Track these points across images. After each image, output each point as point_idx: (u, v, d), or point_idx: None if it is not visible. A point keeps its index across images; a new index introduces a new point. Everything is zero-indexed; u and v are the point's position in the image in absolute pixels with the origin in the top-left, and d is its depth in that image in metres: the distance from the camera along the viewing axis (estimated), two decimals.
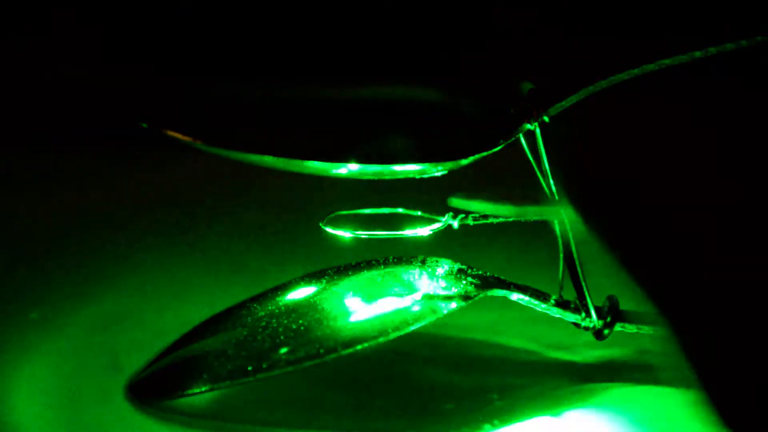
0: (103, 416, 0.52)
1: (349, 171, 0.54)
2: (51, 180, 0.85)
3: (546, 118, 0.55)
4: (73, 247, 0.73)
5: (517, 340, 0.60)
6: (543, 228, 0.57)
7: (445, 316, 0.53)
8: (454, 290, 0.54)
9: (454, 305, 0.53)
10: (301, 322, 0.52)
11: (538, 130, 0.56)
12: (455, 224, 0.57)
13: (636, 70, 0.53)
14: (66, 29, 0.90)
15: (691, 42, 0.52)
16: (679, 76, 0.52)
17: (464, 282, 0.54)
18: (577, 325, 0.56)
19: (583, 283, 0.56)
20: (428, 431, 0.51)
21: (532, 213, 0.57)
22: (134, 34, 0.89)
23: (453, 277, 0.55)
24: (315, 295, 0.54)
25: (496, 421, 0.52)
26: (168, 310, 0.64)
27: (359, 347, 0.51)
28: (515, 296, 0.55)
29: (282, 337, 0.52)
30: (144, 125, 0.53)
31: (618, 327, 0.56)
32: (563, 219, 0.56)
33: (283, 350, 0.51)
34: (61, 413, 0.52)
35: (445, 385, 0.56)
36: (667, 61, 0.52)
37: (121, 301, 0.65)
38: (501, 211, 0.56)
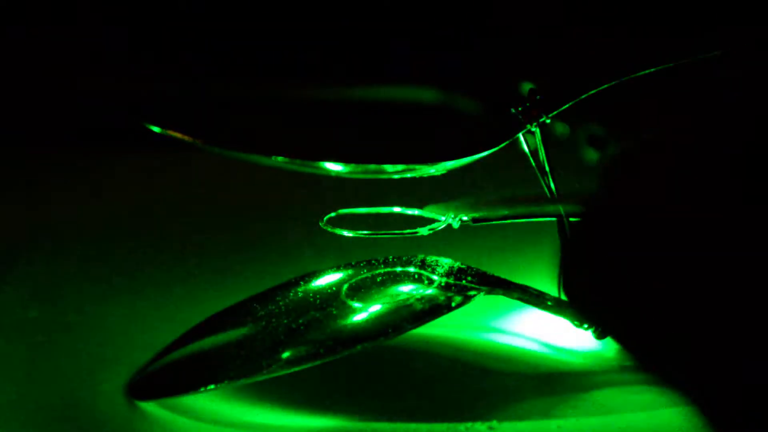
0: (103, 416, 0.52)
1: (349, 170, 0.54)
2: (51, 180, 0.85)
3: (546, 118, 0.55)
4: (73, 247, 0.73)
5: (516, 339, 0.60)
6: (543, 228, 0.57)
7: (445, 315, 0.53)
8: (454, 290, 0.54)
9: (453, 305, 0.53)
10: (301, 321, 0.52)
11: (538, 130, 0.56)
12: (455, 224, 0.57)
13: (637, 71, 0.53)
14: (66, 29, 0.90)
15: (692, 42, 0.52)
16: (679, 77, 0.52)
17: (464, 281, 0.54)
18: (576, 324, 0.56)
19: None
20: (427, 429, 0.51)
21: (532, 213, 0.57)
22: (135, 34, 0.89)
23: (453, 276, 0.55)
24: (315, 295, 0.54)
25: (495, 422, 0.52)
26: (167, 309, 0.64)
27: (359, 347, 0.51)
28: (515, 296, 0.55)
29: (282, 337, 0.52)
30: (145, 125, 0.53)
31: None
32: (563, 218, 0.56)
33: (283, 350, 0.51)
34: (61, 413, 0.52)
35: (445, 384, 0.56)
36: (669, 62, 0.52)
37: (120, 300, 0.65)
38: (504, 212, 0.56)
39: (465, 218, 0.57)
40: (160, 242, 0.74)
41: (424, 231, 0.56)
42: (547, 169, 0.56)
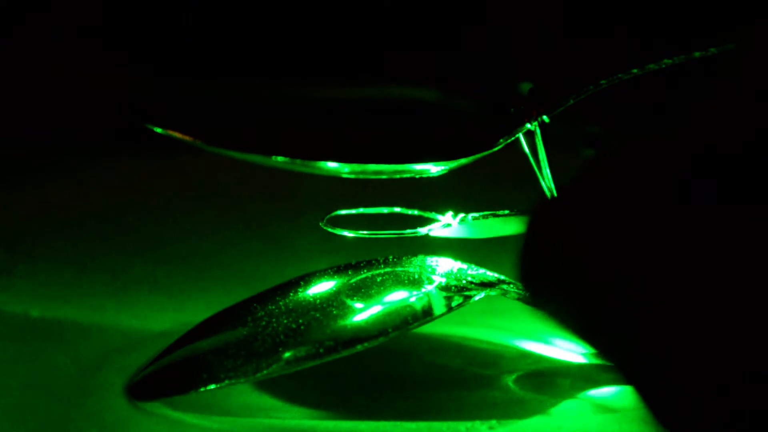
0: (103, 416, 0.52)
1: (349, 170, 0.54)
2: (52, 179, 0.85)
3: (546, 118, 0.55)
4: (75, 246, 0.73)
5: (516, 339, 0.60)
6: None
7: (446, 315, 0.53)
8: (454, 289, 0.54)
9: (454, 305, 0.53)
10: (301, 321, 0.52)
11: (538, 130, 0.56)
12: (454, 224, 0.57)
13: (636, 70, 0.53)
14: (66, 28, 0.90)
15: (691, 42, 0.52)
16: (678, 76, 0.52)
17: (465, 281, 0.54)
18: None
19: None
20: (427, 429, 0.51)
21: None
22: (134, 34, 0.89)
23: (453, 276, 0.55)
24: (315, 294, 0.54)
25: (495, 422, 0.52)
26: (167, 311, 0.64)
27: (359, 347, 0.51)
28: (515, 295, 0.55)
29: (282, 337, 0.52)
30: (147, 125, 0.53)
31: None
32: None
33: (283, 350, 0.51)
34: (61, 413, 0.52)
35: (445, 384, 0.56)
36: (667, 61, 0.52)
37: (120, 300, 0.65)
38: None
39: (465, 218, 0.57)
40: (161, 242, 0.74)
41: (423, 231, 0.56)
42: (547, 168, 0.56)
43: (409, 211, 0.57)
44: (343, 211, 0.57)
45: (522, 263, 0.43)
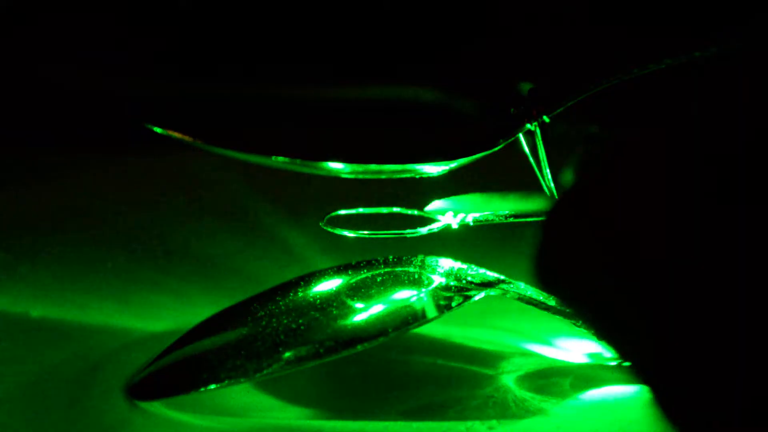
0: (103, 416, 0.52)
1: (349, 170, 0.54)
2: (53, 180, 0.85)
3: (546, 118, 0.55)
4: (76, 247, 0.73)
5: (516, 339, 0.60)
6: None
7: (446, 315, 0.53)
8: (454, 289, 0.54)
9: (454, 305, 0.53)
10: (301, 322, 0.52)
11: (538, 130, 0.56)
12: (454, 224, 0.57)
13: (636, 70, 0.53)
14: (65, 29, 0.90)
15: (691, 42, 0.52)
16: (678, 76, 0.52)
17: (464, 281, 0.54)
18: (576, 324, 0.56)
19: None
20: (427, 429, 0.51)
21: (532, 212, 0.57)
22: (134, 34, 0.89)
23: (453, 276, 0.55)
24: (315, 294, 0.54)
25: (495, 422, 0.52)
26: (167, 310, 0.64)
27: (359, 347, 0.51)
28: (515, 296, 0.55)
29: (282, 337, 0.52)
30: (147, 125, 0.53)
31: None
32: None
33: (283, 350, 0.51)
34: (61, 413, 0.52)
35: (445, 384, 0.56)
36: (668, 61, 0.52)
37: (121, 300, 0.65)
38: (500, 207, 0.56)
39: (465, 218, 0.57)
40: (161, 242, 0.74)
41: (423, 231, 0.56)
42: (547, 168, 0.56)
43: (409, 211, 0.57)
44: (343, 211, 0.57)
45: (539, 265, 0.43)
